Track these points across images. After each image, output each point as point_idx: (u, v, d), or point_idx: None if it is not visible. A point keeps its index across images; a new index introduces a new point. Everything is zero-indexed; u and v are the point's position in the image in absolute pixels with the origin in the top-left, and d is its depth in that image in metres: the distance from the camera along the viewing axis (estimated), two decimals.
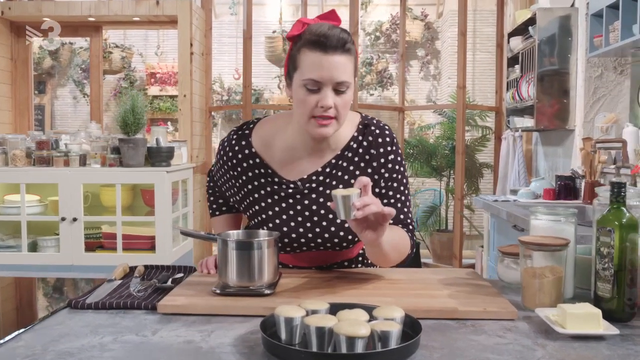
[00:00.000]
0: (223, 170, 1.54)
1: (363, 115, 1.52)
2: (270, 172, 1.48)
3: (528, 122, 4.04)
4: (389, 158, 1.48)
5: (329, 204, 1.45)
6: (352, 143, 1.48)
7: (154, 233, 3.56)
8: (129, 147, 3.46)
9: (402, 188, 1.50)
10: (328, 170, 1.47)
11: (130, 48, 7.12)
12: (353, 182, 1.46)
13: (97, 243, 3.68)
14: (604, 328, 1.04)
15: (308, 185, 1.47)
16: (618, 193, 1.14)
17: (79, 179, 3.53)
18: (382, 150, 1.47)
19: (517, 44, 4.26)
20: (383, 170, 1.47)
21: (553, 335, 1.05)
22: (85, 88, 7.15)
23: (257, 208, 1.50)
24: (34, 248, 3.67)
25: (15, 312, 1.36)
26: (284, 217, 1.47)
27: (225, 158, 1.51)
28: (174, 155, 3.70)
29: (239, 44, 6.34)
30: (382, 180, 1.48)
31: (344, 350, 0.91)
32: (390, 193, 1.48)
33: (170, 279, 1.41)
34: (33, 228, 3.67)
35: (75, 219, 3.50)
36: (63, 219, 3.51)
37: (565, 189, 3.31)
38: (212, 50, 5.15)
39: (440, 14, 6.81)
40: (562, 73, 3.75)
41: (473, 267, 4.77)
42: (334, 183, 1.47)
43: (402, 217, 1.49)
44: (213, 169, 1.64)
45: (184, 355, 0.97)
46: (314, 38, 1.32)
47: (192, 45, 4.62)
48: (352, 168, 1.47)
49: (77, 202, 3.52)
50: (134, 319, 1.16)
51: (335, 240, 1.48)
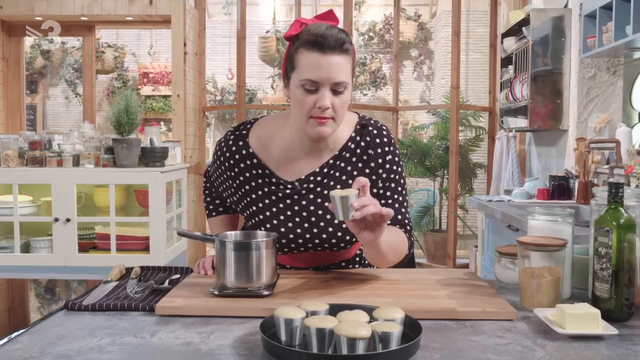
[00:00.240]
0: (220, 171, 1.53)
1: (361, 116, 1.52)
2: (268, 172, 1.47)
3: (522, 122, 4.05)
4: (387, 158, 1.47)
5: (327, 205, 1.46)
6: (349, 143, 1.47)
7: (148, 234, 3.55)
8: (123, 147, 3.44)
9: (399, 188, 1.50)
10: (326, 171, 1.46)
11: (123, 48, 7.09)
12: (351, 182, 1.46)
13: (90, 244, 3.66)
14: (603, 328, 1.04)
15: (306, 186, 1.46)
16: (616, 193, 1.14)
17: (72, 180, 3.51)
18: (379, 151, 1.47)
19: (510, 45, 4.27)
20: (381, 171, 1.47)
21: (552, 336, 1.05)
22: (78, 88, 7.11)
23: (254, 209, 1.49)
24: (27, 249, 3.65)
25: (8, 313, 1.35)
26: (282, 217, 1.47)
27: (223, 159, 1.51)
28: (168, 156, 3.68)
29: (233, 44, 6.33)
30: (379, 181, 1.47)
31: (345, 352, 0.91)
32: (388, 193, 1.48)
33: (167, 280, 1.41)
34: (26, 229, 3.65)
35: (69, 220, 3.48)
36: (56, 220, 3.49)
37: (559, 189, 3.33)
38: (205, 50, 5.13)
39: (434, 15, 6.82)
40: (555, 73, 3.77)
41: (467, 267, 4.79)
42: (332, 183, 1.46)
43: (399, 217, 1.49)
44: (210, 170, 1.64)
45: (184, 357, 0.96)
46: (312, 38, 1.32)
47: (185, 45, 4.61)
48: (349, 168, 1.47)
49: (70, 202, 3.50)
50: (132, 321, 1.15)
51: (333, 241, 1.48)
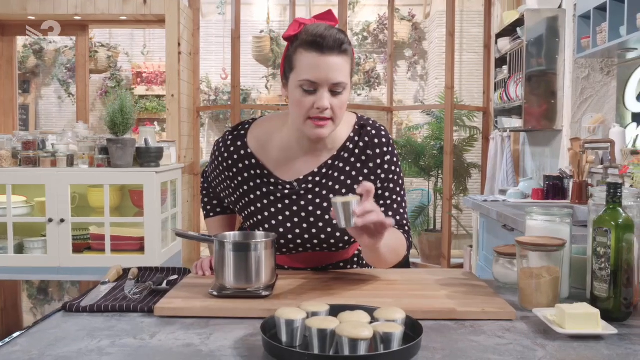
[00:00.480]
0: (218, 171, 1.53)
1: (359, 116, 1.52)
2: (266, 172, 1.47)
3: (516, 122, 4.07)
4: (385, 159, 1.47)
5: (325, 205, 1.46)
6: (348, 143, 1.47)
7: (143, 234, 3.54)
8: (118, 147, 3.43)
9: (398, 189, 1.50)
10: (324, 171, 1.46)
11: (116, 47, 7.06)
12: (349, 182, 1.46)
13: (84, 244, 3.64)
14: (603, 328, 1.05)
15: (304, 186, 1.46)
16: (614, 194, 1.15)
17: (67, 180, 3.49)
18: (378, 151, 1.47)
19: (505, 45, 4.29)
20: (379, 171, 1.47)
21: (552, 336, 1.06)
22: (71, 88, 7.08)
23: (252, 209, 1.49)
24: (21, 250, 3.63)
25: (0, 314, 1.34)
26: (280, 218, 1.47)
27: (221, 159, 1.50)
28: (163, 156, 3.67)
29: (226, 44, 6.32)
30: (378, 181, 1.47)
31: (347, 353, 0.91)
32: (387, 194, 1.48)
33: (165, 281, 1.40)
34: (19, 229, 3.63)
35: (63, 220, 3.47)
36: (50, 220, 3.47)
37: (554, 189, 3.34)
38: (199, 50, 5.12)
39: (428, 15, 6.84)
40: (549, 74, 3.79)
41: (461, 266, 4.80)
42: (330, 184, 1.46)
43: (398, 218, 1.49)
44: (207, 170, 1.63)
45: (185, 359, 0.96)
46: (311, 39, 1.31)
47: (180, 45, 4.59)
48: (348, 168, 1.47)
49: (64, 203, 3.48)
50: (131, 322, 1.15)
51: (332, 241, 1.48)
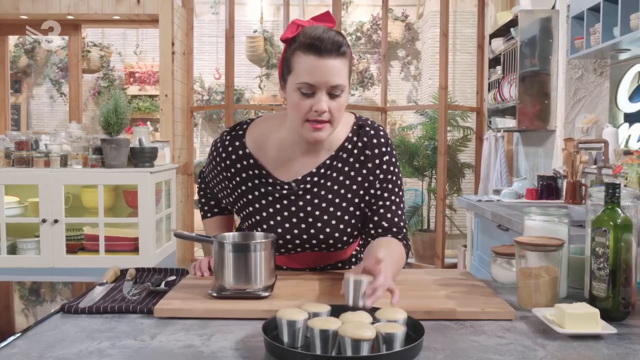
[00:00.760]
0: (216, 172, 1.52)
1: (357, 116, 1.52)
2: (265, 173, 1.47)
3: (510, 122, 4.09)
4: (384, 159, 1.47)
5: (324, 205, 1.46)
6: (346, 144, 1.47)
7: (137, 234, 3.52)
8: (112, 147, 3.41)
9: (396, 189, 1.50)
10: (323, 171, 1.46)
11: (109, 47, 7.03)
12: (348, 183, 1.46)
13: (78, 245, 3.62)
14: (602, 327, 1.06)
15: (302, 186, 1.46)
16: (613, 194, 1.16)
17: (60, 180, 3.46)
18: (376, 151, 1.47)
19: (498, 45, 4.30)
20: (378, 172, 1.47)
21: (552, 335, 1.06)
22: (63, 87, 7.04)
23: (251, 209, 1.49)
24: (13, 251, 3.60)
25: None
26: (278, 218, 1.46)
27: (219, 159, 1.50)
28: (157, 156, 3.66)
29: (220, 44, 6.30)
30: (376, 182, 1.47)
31: (350, 353, 0.91)
32: (385, 195, 1.48)
33: (164, 282, 1.40)
34: (12, 230, 3.60)
35: (57, 221, 3.44)
36: (44, 221, 3.44)
37: (548, 189, 3.36)
38: (193, 50, 5.11)
39: (421, 15, 6.85)
40: (543, 74, 3.81)
41: (455, 266, 4.81)
42: (329, 184, 1.46)
43: (396, 219, 1.48)
44: (205, 170, 1.62)
45: None
46: (309, 41, 1.31)
47: (173, 45, 4.58)
48: (346, 169, 1.47)
49: (58, 203, 3.46)
50: (130, 324, 1.14)
51: (330, 242, 1.48)
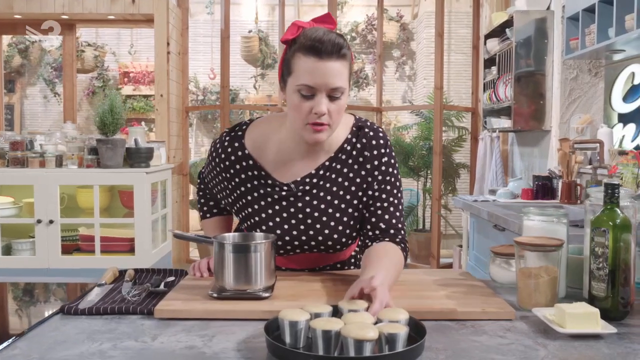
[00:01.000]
0: (215, 172, 1.52)
1: (357, 118, 1.52)
2: (264, 174, 1.47)
3: (505, 122, 4.10)
4: (383, 160, 1.47)
5: (323, 207, 1.46)
6: (346, 145, 1.47)
7: (133, 235, 3.51)
8: (107, 147, 3.40)
9: (395, 191, 1.50)
10: (322, 173, 1.46)
11: (103, 47, 7.01)
12: (347, 184, 1.46)
13: (74, 245, 3.61)
14: (602, 327, 1.06)
15: (301, 188, 1.46)
16: (612, 194, 1.16)
17: (56, 180, 3.45)
18: (375, 153, 1.47)
19: (493, 46, 4.32)
20: (376, 173, 1.47)
21: (552, 335, 1.07)
22: (57, 87, 7.01)
23: (250, 210, 1.48)
24: (8, 251, 3.58)
25: None
26: (277, 219, 1.46)
27: (218, 160, 1.50)
28: (153, 156, 3.65)
29: (214, 44, 6.29)
30: (375, 183, 1.47)
31: (352, 354, 0.91)
32: (384, 196, 1.48)
33: (163, 283, 1.39)
34: (7, 231, 3.58)
35: (52, 221, 3.43)
36: (39, 222, 3.43)
37: (543, 189, 3.37)
38: (188, 50, 5.10)
39: (415, 15, 6.87)
40: (538, 75, 3.82)
41: (451, 266, 4.83)
42: (328, 185, 1.46)
43: (393, 221, 1.47)
44: (204, 171, 1.62)
45: None
46: (309, 43, 1.30)
47: (169, 45, 4.57)
48: (346, 170, 1.47)
49: (53, 203, 3.44)
50: (131, 325, 1.14)
51: (329, 243, 1.48)
